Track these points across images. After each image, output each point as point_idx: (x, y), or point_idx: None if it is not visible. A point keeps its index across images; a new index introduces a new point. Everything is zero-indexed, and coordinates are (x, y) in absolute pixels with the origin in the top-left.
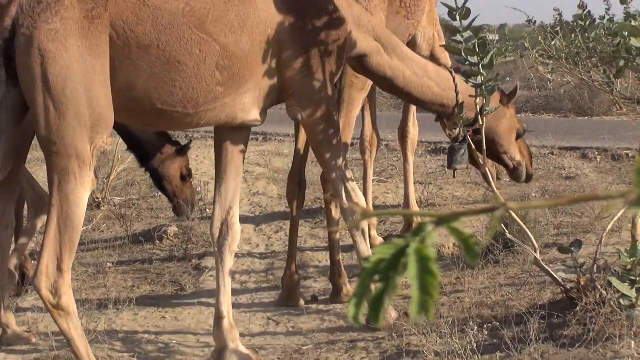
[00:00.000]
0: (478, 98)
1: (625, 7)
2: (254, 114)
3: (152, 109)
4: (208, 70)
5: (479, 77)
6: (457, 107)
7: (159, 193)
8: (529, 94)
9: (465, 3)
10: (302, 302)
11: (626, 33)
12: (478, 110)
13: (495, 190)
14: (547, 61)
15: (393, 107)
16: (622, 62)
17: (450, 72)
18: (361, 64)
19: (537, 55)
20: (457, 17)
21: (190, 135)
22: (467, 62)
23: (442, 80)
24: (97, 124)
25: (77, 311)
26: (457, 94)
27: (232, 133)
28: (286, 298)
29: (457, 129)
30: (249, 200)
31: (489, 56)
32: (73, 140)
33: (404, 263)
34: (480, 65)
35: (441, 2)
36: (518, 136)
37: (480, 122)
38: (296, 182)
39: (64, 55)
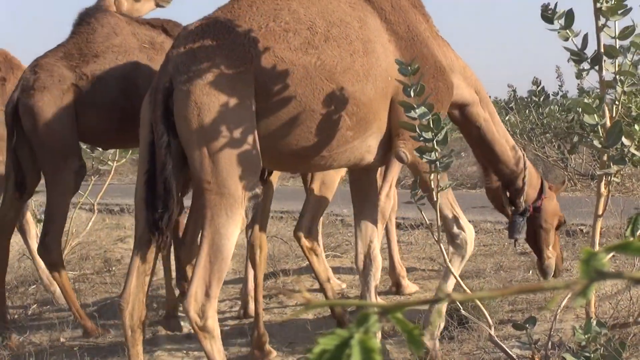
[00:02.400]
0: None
1: (579, 83)
2: (378, 155)
3: (291, 154)
4: (339, 117)
5: (433, 153)
6: (524, 179)
7: (114, 267)
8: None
9: (420, 80)
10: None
11: (580, 109)
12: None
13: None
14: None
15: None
16: (576, 138)
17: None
18: (461, 112)
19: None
20: (412, 93)
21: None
22: (421, 138)
23: (513, 148)
24: (249, 167)
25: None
26: (525, 164)
27: (363, 173)
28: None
29: (520, 201)
30: None
31: (443, 132)
32: (225, 180)
33: (347, 354)
34: (434, 141)
35: (396, 79)
36: (559, 225)
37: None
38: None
39: (217, 107)
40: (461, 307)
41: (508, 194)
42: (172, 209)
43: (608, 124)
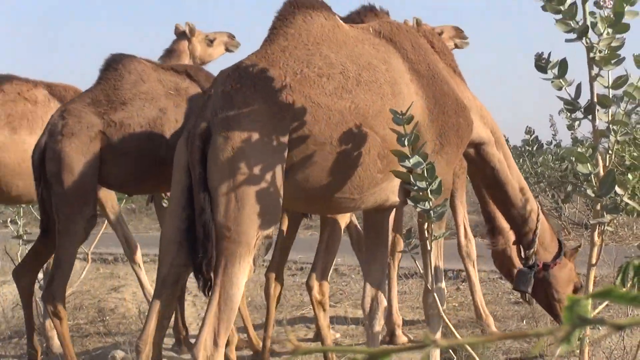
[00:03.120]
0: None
1: (572, 133)
2: (400, 196)
3: (323, 197)
4: (372, 160)
5: (427, 202)
6: (535, 230)
7: (108, 317)
8: (478, 218)
9: (414, 129)
10: None
11: (573, 158)
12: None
13: (447, 320)
14: None
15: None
16: (570, 188)
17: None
18: (477, 152)
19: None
20: (406, 143)
21: None
22: (415, 188)
23: (528, 194)
24: (270, 216)
25: None
26: (539, 217)
27: (378, 215)
28: None
29: (530, 253)
30: (197, 324)
31: (437, 181)
32: (247, 229)
33: None
34: (429, 190)
35: (390, 128)
36: (575, 290)
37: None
38: None
39: (252, 154)
40: (455, 356)
41: (520, 245)
42: (211, 254)
43: (601, 173)
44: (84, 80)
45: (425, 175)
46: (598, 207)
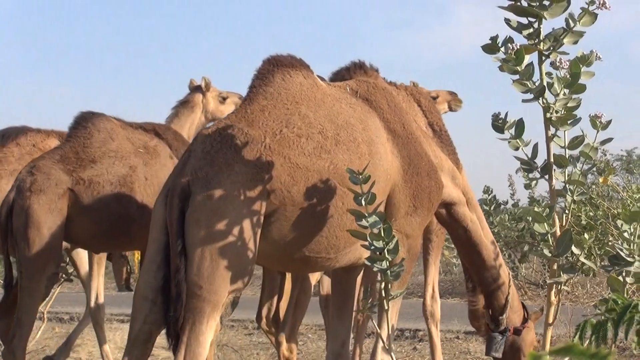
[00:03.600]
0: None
1: (529, 192)
2: None
3: (300, 257)
4: (349, 219)
5: (384, 262)
6: (507, 296)
7: None
8: (447, 279)
9: (371, 188)
10: None
11: (530, 218)
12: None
13: None
14: (453, 245)
15: None
16: (526, 247)
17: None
18: (448, 212)
19: (447, 243)
20: (363, 202)
21: None
22: (372, 247)
23: (500, 257)
24: (242, 276)
25: None
26: (510, 281)
27: (346, 274)
28: None
29: (503, 318)
30: None
31: (394, 241)
32: (218, 288)
33: None
34: (386, 250)
35: (347, 188)
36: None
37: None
38: None
39: (230, 215)
40: None
41: (490, 310)
42: (179, 314)
43: (558, 232)
44: None
45: (382, 235)
46: (555, 266)
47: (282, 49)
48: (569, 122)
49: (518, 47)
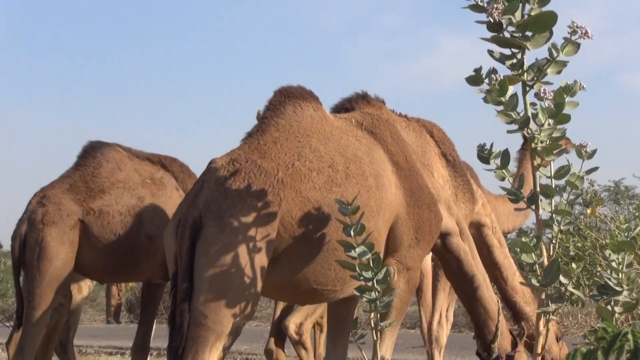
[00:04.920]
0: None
1: None
2: None
3: (308, 289)
4: None
5: (373, 292)
6: (497, 325)
7: None
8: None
9: (360, 219)
10: None
11: (518, 248)
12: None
13: None
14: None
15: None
16: None
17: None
18: (443, 242)
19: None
20: (352, 234)
21: None
22: (361, 278)
23: (490, 289)
24: (248, 308)
25: None
26: (499, 310)
27: (345, 305)
28: None
29: (495, 346)
30: None
31: (383, 271)
32: (223, 318)
33: None
34: (375, 280)
35: (336, 218)
36: None
37: (519, 349)
38: None
39: (242, 246)
40: None
41: (481, 339)
42: (180, 345)
43: (545, 262)
44: None
45: (371, 265)
46: (543, 296)
47: (269, 79)
48: (554, 152)
49: (501, 78)
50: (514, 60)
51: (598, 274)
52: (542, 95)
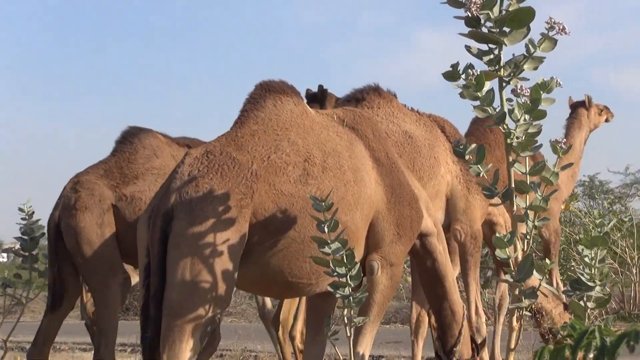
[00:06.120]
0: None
1: None
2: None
3: (282, 282)
4: None
5: (347, 288)
6: (461, 330)
7: None
8: (398, 304)
9: (333, 216)
10: None
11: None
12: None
13: None
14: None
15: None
16: (489, 273)
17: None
18: (421, 242)
19: (405, 266)
20: (326, 229)
21: None
22: (335, 274)
23: (458, 293)
24: (222, 298)
25: None
26: (464, 314)
27: (324, 302)
28: None
29: (455, 351)
30: None
31: (356, 267)
32: (198, 309)
33: None
34: (348, 276)
35: (310, 215)
36: None
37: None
38: None
39: (213, 238)
40: None
41: (442, 342)
42: (154, 335)
43: (519, 258)
44: None
45: (345, 261)
46: (516, 292)
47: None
48: (529, 147)
49: (478, 73)
50: (491, 56)
51: (572, 268)
52: (518, 91)
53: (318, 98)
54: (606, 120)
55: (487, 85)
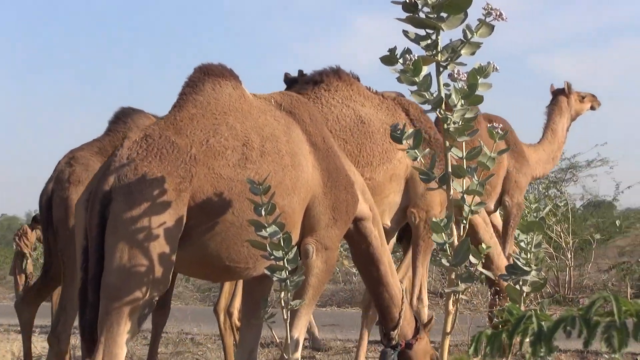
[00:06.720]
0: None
1: None
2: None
3: (220, 266)
4: None
5: (284, 271)
6: (400, 313)
7: None
8: (334, 287)
9: (271, 199)
10: None
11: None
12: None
13: None
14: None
15: (199, 301)
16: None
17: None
18: (355, 226)
19: (342, 250)
20: (263, 213)
21: None
22: (272, 257)
23: (396, 277)
24: (160, 281)
25: None
26: (403, 298)
27: (260, 286)
28: None
29: (395, 334)
30: None
31: (293, 251)
32: (136, 291)
33: None
34: (285, 259)
35: (248, 198)
36: None
37: (420, 336)
38: None
39: (149, 222)
40: None
41: (383, 325)
42: (92, 318)
43: (456, 242)
44: None
45: (282, 244)
46: (453, 276)
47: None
48: (466, 132)
49: (416, 58)
50: (429, 41)
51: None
52: (455, 76)
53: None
54: (592, 108)
55: (425, 70)
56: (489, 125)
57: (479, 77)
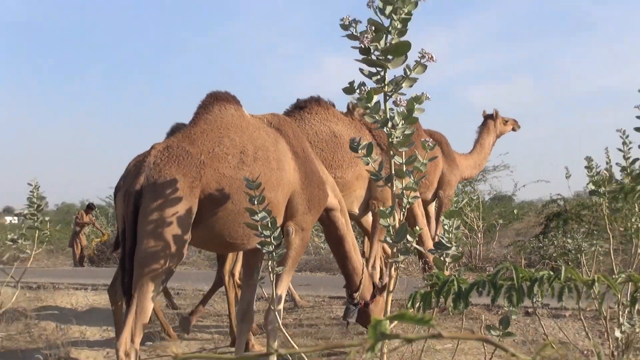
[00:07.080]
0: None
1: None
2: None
3: (224, 241)
4: None
5: (271, 246)
6: (360, 280)
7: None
8: (307, 257)
9: (261, 192)
10: None
11: (443, 218)
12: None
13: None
14: (321, 234)
15: (209, 267)
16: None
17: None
18: (327, 215)
19: (313, 230)
20: (255, 202)
21: None
22: (262, 235)
23: (358, 253)
24: (176, 255)
25: None
26: (363, 268)
27: (255, 258)
28: None
29: (356, 295)
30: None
31: (278, 231)
32: (159, 262)
33: None
34: (272, 237)
35: (244, 192)
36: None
37: (376, 299)
38: None
39: (171, 211)
40: None
41: (348, 288)
42: (129, 280)
43: (397, 225)
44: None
45: (269, 226)
46: (394, 250)
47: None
48: (406, 144)
49: (369, 89)
50: (379, 77)
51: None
52: (398, 102)
53: None
54: (513, 129)
55: (375, 98)
56: (422, 139)
57: (415, 103)
